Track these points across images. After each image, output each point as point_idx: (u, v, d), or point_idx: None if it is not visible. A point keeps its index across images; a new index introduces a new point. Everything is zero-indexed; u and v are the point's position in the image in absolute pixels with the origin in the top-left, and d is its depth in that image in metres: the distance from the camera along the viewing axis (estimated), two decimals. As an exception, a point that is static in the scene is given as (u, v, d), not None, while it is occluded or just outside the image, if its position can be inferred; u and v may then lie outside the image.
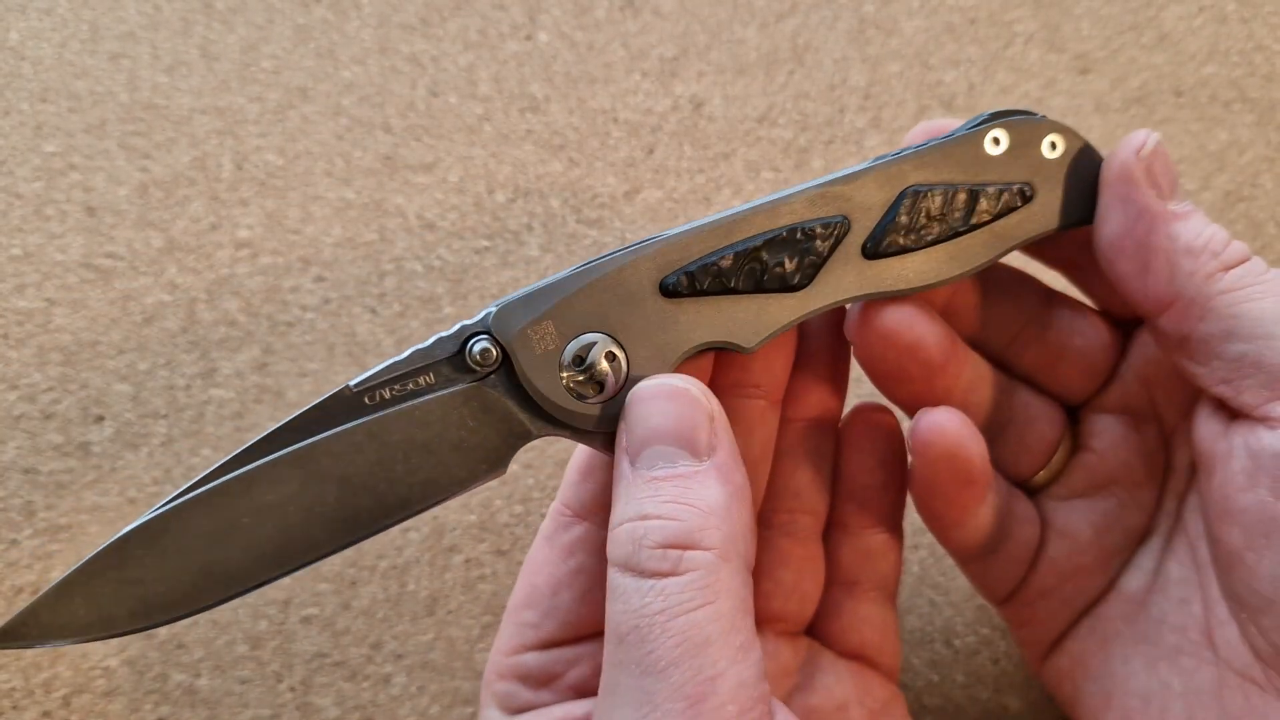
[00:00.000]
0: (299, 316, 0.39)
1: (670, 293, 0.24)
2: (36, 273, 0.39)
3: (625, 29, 0.44)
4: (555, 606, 0.26)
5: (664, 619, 0.20)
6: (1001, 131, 0.26)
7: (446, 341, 0.23)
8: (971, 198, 0.25)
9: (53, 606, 0.21)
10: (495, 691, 0.26)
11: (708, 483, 0.22)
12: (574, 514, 0.26)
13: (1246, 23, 0.45)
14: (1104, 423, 0.29)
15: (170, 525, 0.21)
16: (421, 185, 0.41)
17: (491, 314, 0.23)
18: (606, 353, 0.23)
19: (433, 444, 0.23)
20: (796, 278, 0.24)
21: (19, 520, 0.36)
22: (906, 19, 0.45)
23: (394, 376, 0.23)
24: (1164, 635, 0.27)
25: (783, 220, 0.24)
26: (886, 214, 0.25)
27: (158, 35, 0.43)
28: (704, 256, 0.24)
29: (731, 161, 0.42)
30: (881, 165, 0.25)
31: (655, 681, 0.20)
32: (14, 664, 0.34)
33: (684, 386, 0.23)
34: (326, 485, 0.22)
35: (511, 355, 0.23)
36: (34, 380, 0.37)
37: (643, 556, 0.21)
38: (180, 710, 0.34)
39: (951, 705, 0.35)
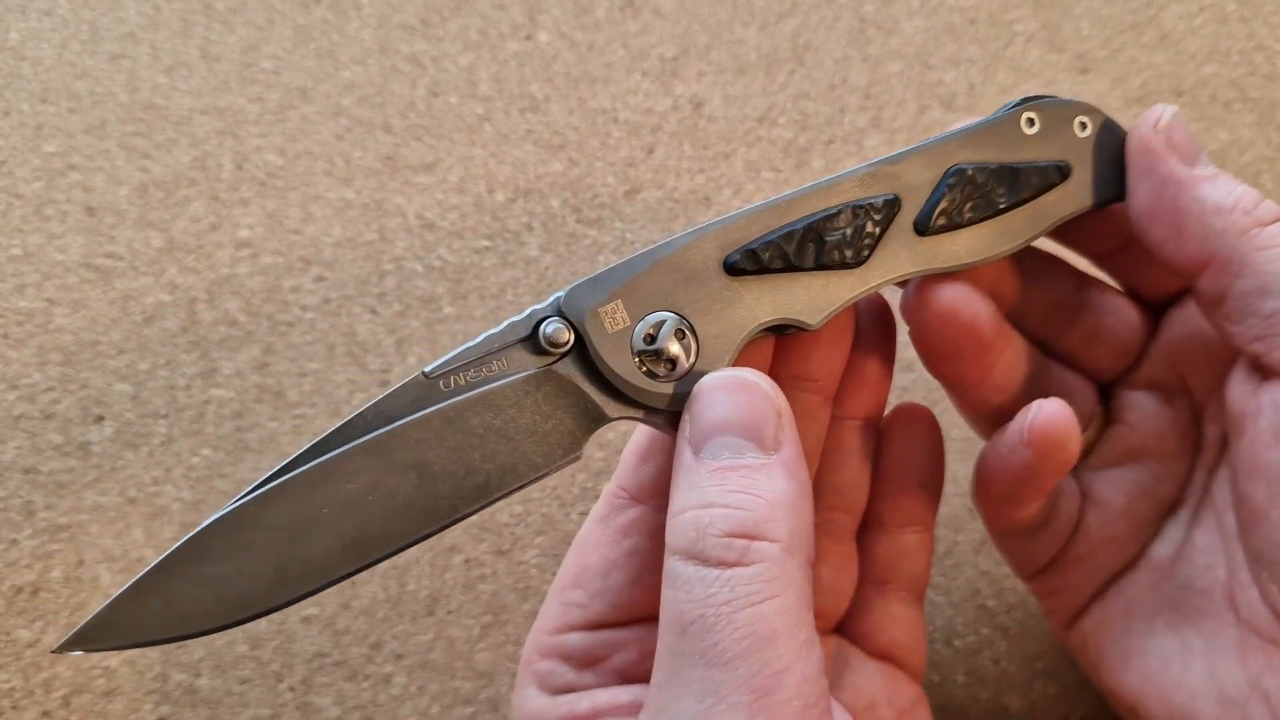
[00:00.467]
0: (299, 316, 0.39)
1: (734, 271, 0.24)
2: (37, 273, 0.39)
3: (625, 29, 0.44)
4: (606, 587, 0.26)
5: (730, 610, 0.20)
6: (1034, 113, 0.27)
7: (518, 325, 0.23)
8: (1012, 175, 0.26)
9: (130, 607, 0.20)
10: (536, 670, 0.26)
11: (774, 476, 0.22)
12: (630, 497, 0.26)
13: (1247, 22, 0.45)
14: (1136, 398, 0.30)
15: (248, 518, 0.21)
16: (422, 185, 0.41)
17: (561, 297, 0.23)
18: (676, 330, 0.23)
19: (508, 429, 0.22)
20: (853, 254, 0.25)
21: (19, 520, 0.36)
22: (907, 19, 0.45)
23: (467, 361, 0.23)
24: (1188, 599, 0.28)
25: (836, 199, 0.25)
26: (934, 192, 0.26)
27: (158, 36, 0.43)
28: (764, 235, 0.24)
29: (731, 161, 0.42)
30: (927, 146, 0.26)
31: (721, 673, 0.20)
32: (14, 664, 0.34)
33: (753, 380, 0.23)
34: (404, 473, 0.22)
35: (584, 335, 0.23)
36: (34, 380, 0.37)
37: (708, 545, 0.21)
38: (180, 710, 0.34)
39: (952, 705, 0.35)
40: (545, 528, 0.37)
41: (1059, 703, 0.35)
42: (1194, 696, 0.27)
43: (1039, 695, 0.35)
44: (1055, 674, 0.36)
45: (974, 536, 0.37)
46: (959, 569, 0.37)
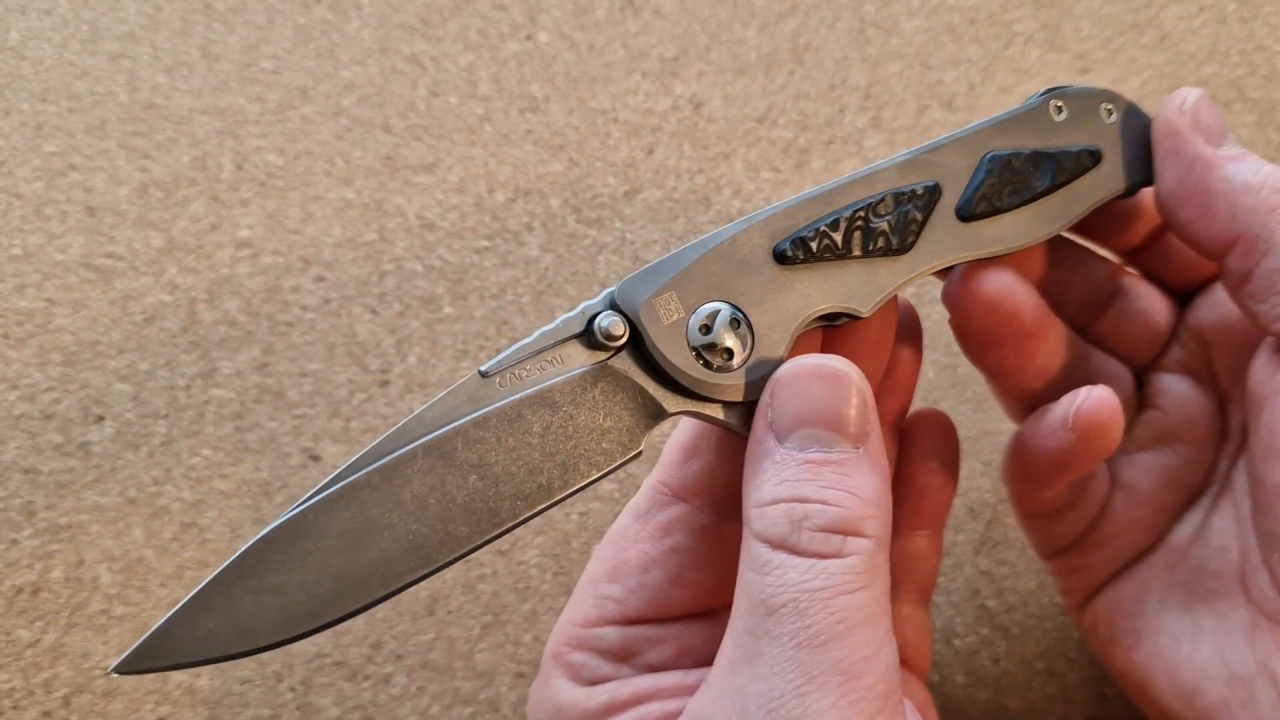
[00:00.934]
0: (299, 316, 0.39)
1: (784, 259, 0.24)
2: (37, 273, 0.39)
3: (625, 29, 0.44)
4: (644, 584, 0.25)
5: (825, 597, 0.21)
6: (1061, 101, 0.28)
7: (572, 321, 0.23)
8: (1047, 160, 0.27)
9: (190, 623, 0.20)
10: (568, 661, 0.25)
11: (864, 469, 0.22)
12: (673, 493, 0.26)
13: (1247, 23, 0.45)
14: (1168, 382, 0.30)
15: (309, 525, 0.20)
16: (422, 185, 0.41)
17: (614, 291, 0.23)
18: (731, 320, 0.23)
19: (567, 427, 0.22)
20: (899, 240, 0.25)
21: (19, 520, 0.36)
22: (906, 19, 0.45)
23: (522, 358, 0.22)
24: (1202, 580, 0.28)
25: (878, 187, 0.25)
26: (973, 178, 0.26)
27: (158, 35, 0.43)
28: (811, 223, 0.24)
29: (731, 162, 0.42)
30: (962, 135, 0.27)
31: (813, 655, 0.20)
32: (14, 664, 0.34)
33: (843, 369, 0.22)
34: (465, 474, 0.21)
35: (640, 327, 0.23)
36: (34, 380, 0.37)
37: (804, 538, 0.21)
38: (180, 710, 0.34)
39: (952, 705, 0.35)
40: (545, 528, 0.37)
41: (1059, 703, 0.35)
42: (1202, 675, 0.27)
43: (1039, 695, 0.35)
44: (1055, 674, 0.36)
45: (974, 537, 0.37)
46: (959, 569, 0.37)
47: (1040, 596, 0.36)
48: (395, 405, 0.38)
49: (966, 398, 0.39)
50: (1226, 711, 0.26)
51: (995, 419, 0.39)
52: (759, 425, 0.23)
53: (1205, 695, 0.27)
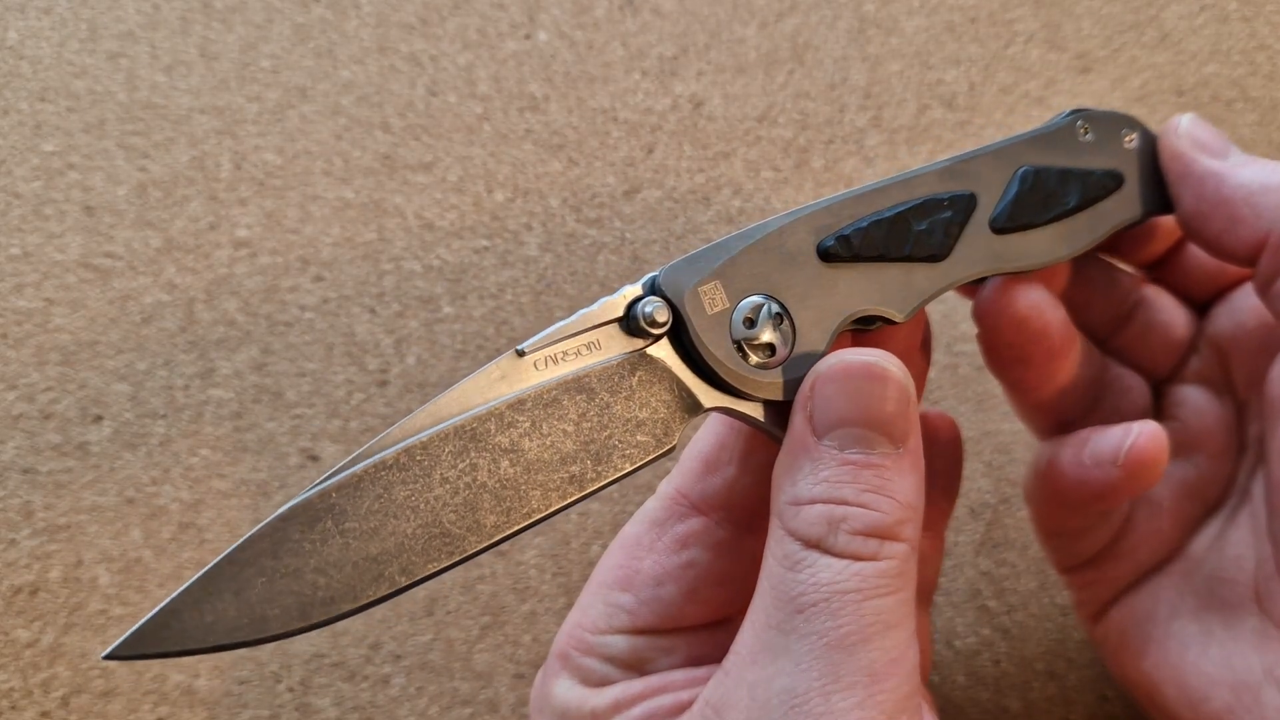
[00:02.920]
0: (297, 316, 0.39)
1: (827, 256, 0.24)
2: (35, 272, 0.39)
3: (625, 28, 0.44)
4: (657, 597, 0.25)
5: (858, 599, 0.20)
6: (1086, 122, 0.28)
7: (613, 304, 0.22)
8: (1076, 178, 0.27)
9: (197, 604, 0.18)
10: (577, 665, 0.25)
11: (904, 471, 0.22)
12: (692, 505, 0.25)
13: (1248, 21, 0.45)
14: (1186, 393, 0.30)
15: (331, 505, 0.19)
16: (420, 185, 0.41)
17: (659, 276, 0.22)
18: (775, 315, 0.23)
19: (603, 415, 0.21)
20: (937, 246, 0.25)
21: (17, 520, 0.36)
22: (907, 18, 0.44)
23: (561, 339, 0.22)
24: (1215, 589, 0.28)
25: (918, 192, 0.25)
26: (1007, 190, 0.26)
27: (156, 35, 0.43)
28: (855, 222, 0.24)
29: (731, 161, 0.42)
30: (997, 147, 0.27)
31: (843, 655, 0.20)
32: (12, 664, 0.34)
33: (888, 367, 0.22)
34: (497, 458, 0.20)
35: (684, 315, 0.22)
36: (33, 380, 0.37)
37: (841, 541, 0.21)
38: (179, 711, 0.34)
39: (952, 707, 0.35)
40: (544, 528, 0.37)
41: (1059, 704, 0.35)
42: (1209, 682, 0.27)
43: (1038, 696, 0.35)
44: (1055, 675, 0.35)
45: (974, 538, 0.37)
46: (959, 570, 0.37)
47: (1041, 597, 0.36)
48: (394, 405, 0.38)
49: (967, 398, 0.39)
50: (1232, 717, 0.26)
51: (995, 419, 0.39)
52: (798, 420, 0.22)
53: (1211, 702, 0.27)
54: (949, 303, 0.40)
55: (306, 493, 0.19)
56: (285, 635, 0.18)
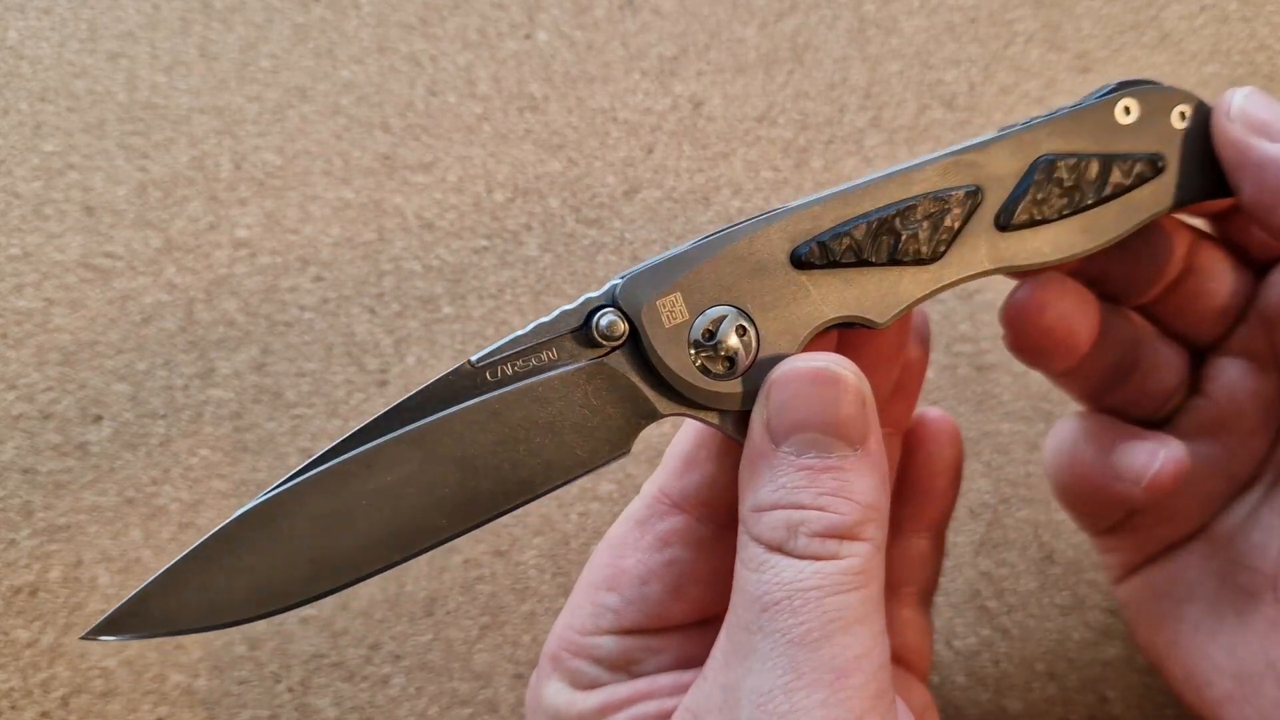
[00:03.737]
0: (297, 316, 0.39)
1: (801, 264, 0.22)
2: (35, 272, 0.39)
3: (624, 28, 0.44)
4: (642, 596, 0.25)
5: (819, 596, 0.20)
6: (1132, 100, 0.25)
7: (570, 315, 0.22)
8: (1104, 168, 0.25)
9: (163, 593, 0.20)
10: (567, 667, 0.25)
11: (863, 473, 0.22)
12: (673, 503, 0.25)
13: (1248, 22, 0.45)
14: (1225, 366, 0.29)
15: (285, 508, 0.20)
16: (420, 185, 0.41)
17: (618, 286, 0.22)
18: (737, 327, 0.22)
19: (555, 423, 0.22)
20: (929, 249, 0.23)
21: (17, 520, 0.36)
22: (907, 18, 0.44)
23: (516, 351, 0.22)
24: (1234, 573, 0.28)
25: (916, 189, 0.23)
26: (1019, 184, 0.24)
27: (156, 35, 0.43)
28: (836, 226, 0.23)
29: (731, 161, 0.42)
30: (1015, 134, 0.24)
31: (804, 652, 0.20)
32: (12, 664, 0.34)
33: (839, 371, 0.22)
34: (446, 466, 0.21)
35: (640, 329, 0.22)
36: (32, 380, 0.37)
37: (800, 544, 0.21)
38: (178, 711, 0.34)
39: (952, 707, 0.35)
40: (544, 528, 0.37)
41: (1058, 704, 0.35)
42: (1213, 668, 0.27)
43: (1038, 697, 0.35)
44: (1055, 675, 0.35)
45: (974, 538, 0.37)
46: (959, 570, 0.37)
47: (1041, 598, 0.36)
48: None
49: (967, 398, 0.39)
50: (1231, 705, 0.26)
51: (995, 419, 0.39)
52: (756, 427, 0.22)
53: (1213, 688, 0.27)
54: (949, 303, 0.40)
55: (261, 497, 0.20)
56: (244, 622, 0.20)
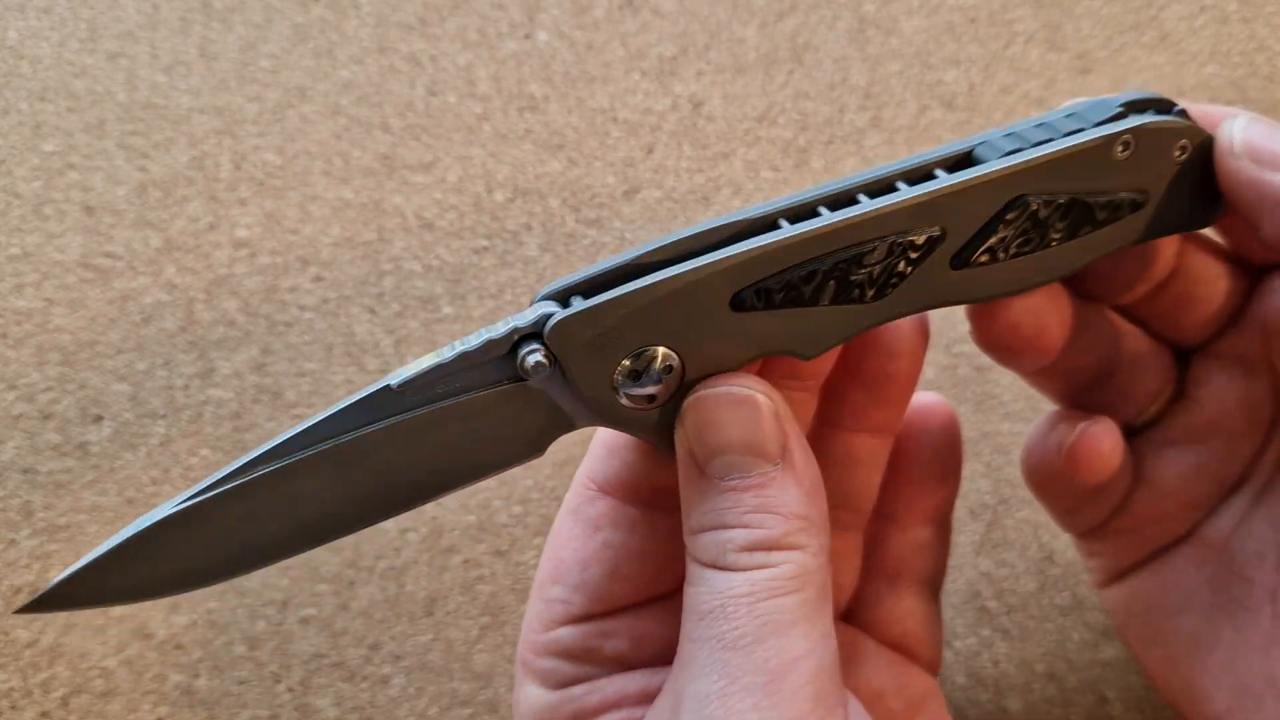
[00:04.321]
0: (297, 316, 0.39)
1: (741, 307, 0.22)
2: (35, 272, 0.39)
3: (624, 28, 0.44)
4: (584, 581, 0.25)
5: (750, 601, 0.21)
6: (1132, 138, 0.23)
7: (496, 343, 0.21)
8: (1081, 210, 0.23)
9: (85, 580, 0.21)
10: (537, 669, 0.26)
11: (786, 486, 0.22)
12: (599, 488, 0.26)
13: (1248, 23, 0.45)
14: (1213, 370, 0.28)
15: (202, 514, 0.21)
16: (420, 185, 0.41)
17: (549, 324, 0.21)
18: (664, 366, 0.22)
19: (474, 435, 0.22)
20: (874, 292, 0.22)
21: (17, 520, 0.36)
22: (906, 18, 0.44)
23: (438, 378, 0.22)
24: (1229, 585, 0.27)
25: (880, 232, 0.22)
26: (987, 224, 0.22)
27: (156, 34, 0.43)
28: (785, 271, 0.22)
29: (731, 161, 0.42)
30: (995, 174, 0.22)
31: (736, 656, 0.20)
32: (13, 664, 0.34)
33: (748, 393, 0.22)
34: (365, 476, 0.22)
35: (566, 369, 0.21)
36: (32, 380, 0.37)
37: (729, 559, 0.21)
38: (178, 711, 0.34)
39: (952, 708, 0.35)
40: (544, 528, 0.37)
41: (1058, 705, 0.35)
42: (1211, 682, 0.27)
43: (1038, 697, 0.35)
44: (1055, 676, 0.35)
45: (974, 538, 0.37)
46: (959, 570, 0.37)
47: (1041, 598, 0.36)
48: (393, 405, 0.38)
49: (966, 398, 0.39)
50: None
51: (995, 420, 0.39)
52: (681, 454, 0.23)
53: (1211, 703, 0.27)
54: (949, 303, 0.40)
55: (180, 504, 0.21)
56: (167, 595, 0.22)
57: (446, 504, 0.37)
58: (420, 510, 0.37)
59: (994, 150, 0.23)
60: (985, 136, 0.23)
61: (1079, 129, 0.23)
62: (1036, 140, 0.23)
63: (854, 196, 0.22)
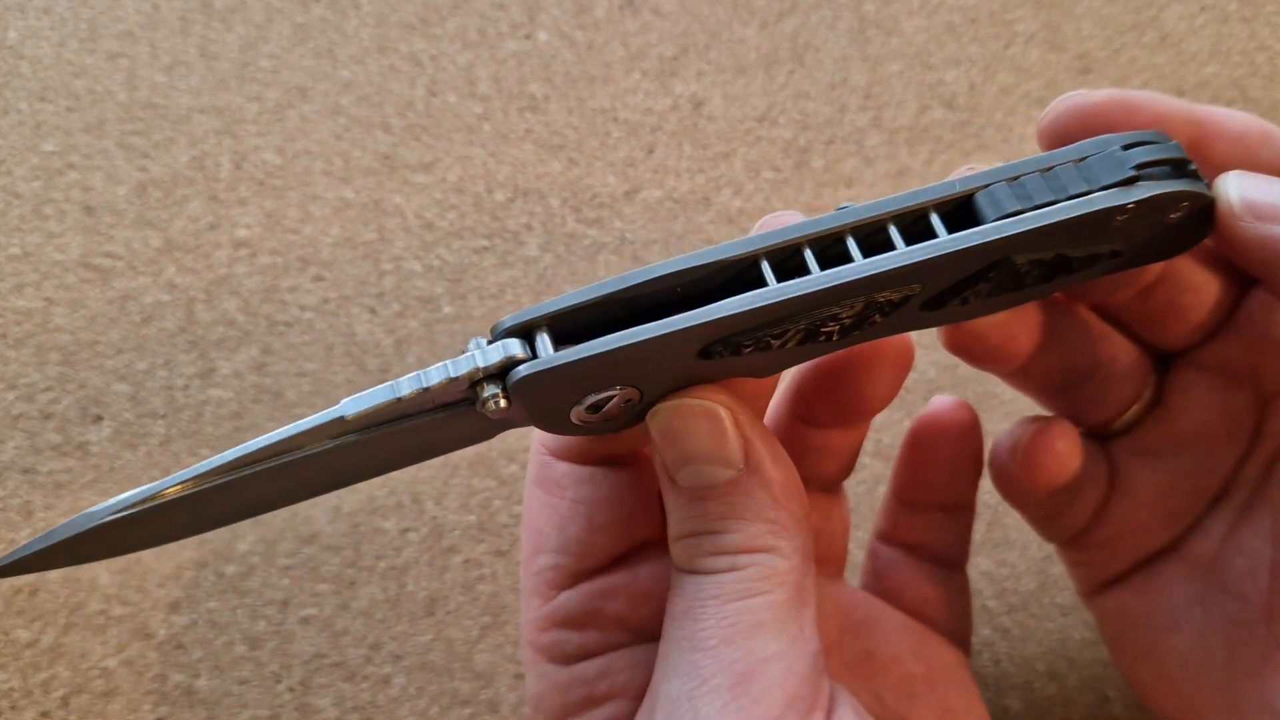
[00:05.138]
0: (297, 316, 0.39)
1: (708, 355, 0.21)
2: (35, 272, 0.39)
3: (625, 28, 0.44)
4: (565, 541, 0.25)
5: (719, 603, 0.21)
6: (1134, 205, 0.21)
7: (456, 382, 0.21)
8: (1062, 264, 0.22)
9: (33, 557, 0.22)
10: (542, 645, 0.25)
11: (751, 491, 0.22)
12: (553, 454, 0.26)
13: (1248, 22, 0.45)
14: (1193, 377, 0.27)
15: (147, 517, 0.22)
16: (420, 185, 0.41)
17: (513, 378, 0.20)
18: (625, 400, 0.22)
19: (426, 440, 0.23)
20: (839, 338, 0.22)
21: (17, 520, 0.35)
22: (907, 18, 0.44)
23: (395, 416, 0.21)
24: (1221, 602, 0.27)
25: (861, 293, 0.21)
26: (965, 280, 0.22)
27: (156, 34, 0.43)
28: (759, 329, 0.21)
29: (731, 161, 0.42)
30: (985, 243, 0.21)
31: (705, 657, 0.21)
32: (13, 664, 0.34)
33: (706, 405, 0.22)
34: (313, 477, 0.23)
35: (526, 407, 0.21)
36: (32, 380, 0.37)
37: (699, 564, 0.22)
38: (179, 711, 0.34)
39: (951, 706, 0.35)
40: (544, 528, 0.37)
41: (1059, 704, 0.35)
42: (1207, 705, 0.26)
43: (1039, 697, 0.35)
44: (1056, 675, 0.35)
45: (974, 538, 0.37)
46: (959, 570, 0.37)
47: (1041, 597, 0.36)
48: (394, 405, 0.38)
49: (967, 398, 0.39)
50: None
51: (995, 419, 0.39)
52: (657, 466, 0.23)
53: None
54: (949, 303, 0.40)
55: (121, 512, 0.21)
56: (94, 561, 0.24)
57: (447, 504, 0.37)
58: (421, 510, 0.37)
59: (994, 205, 0.21)
60: (989, 177, 0.22)
61: (1086, 190, 0.21)
62: (1040, 201, 0.21)
63: (842, 239, 0.21)
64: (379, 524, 0.36)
